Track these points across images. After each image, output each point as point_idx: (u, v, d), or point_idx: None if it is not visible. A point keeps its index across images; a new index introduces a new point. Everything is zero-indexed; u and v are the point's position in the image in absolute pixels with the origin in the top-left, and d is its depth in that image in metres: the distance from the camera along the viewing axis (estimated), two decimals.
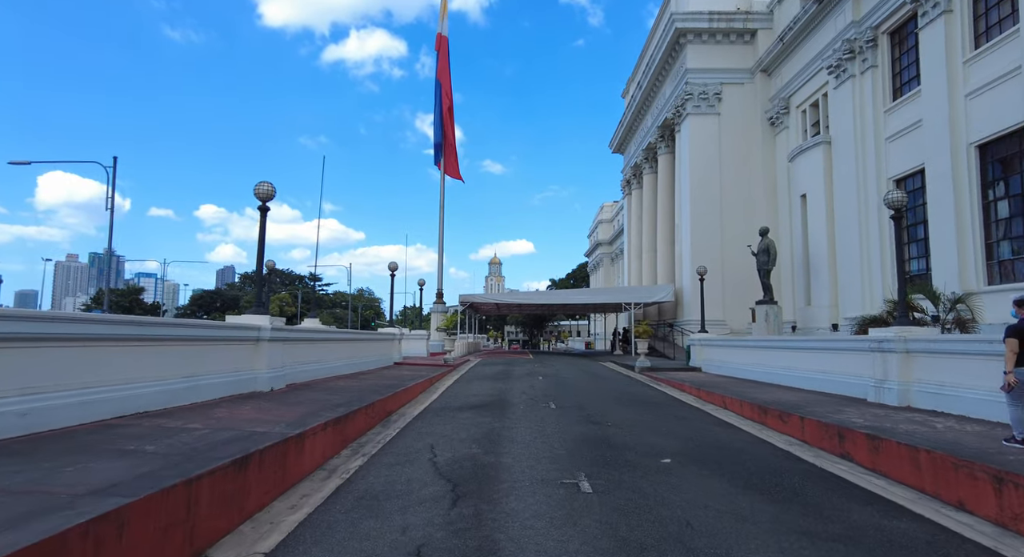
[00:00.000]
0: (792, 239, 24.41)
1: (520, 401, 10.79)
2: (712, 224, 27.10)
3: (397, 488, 5.06)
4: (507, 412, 9.40)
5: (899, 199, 9.29)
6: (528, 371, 18.67)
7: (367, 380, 12.42)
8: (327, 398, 8.72)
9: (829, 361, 11.21)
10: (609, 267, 72.11)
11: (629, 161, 42.11)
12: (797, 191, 23.67)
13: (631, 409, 10.17)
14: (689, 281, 27.28)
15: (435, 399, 11.35)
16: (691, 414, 9.96)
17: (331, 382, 11.43)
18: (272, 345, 9.37)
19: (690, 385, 13.58)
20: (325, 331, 12.87)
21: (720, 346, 17.50)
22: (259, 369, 9.16)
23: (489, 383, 14.33)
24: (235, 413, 6.80)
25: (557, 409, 9.77)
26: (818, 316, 21.93)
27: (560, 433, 7.58)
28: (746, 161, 27.19)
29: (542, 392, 12.37)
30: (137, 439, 4.92)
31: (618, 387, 14.07)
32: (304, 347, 11.28)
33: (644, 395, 12.56)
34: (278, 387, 9.53)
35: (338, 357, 13.44)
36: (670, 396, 12.63)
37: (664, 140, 33.05)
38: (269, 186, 9.64)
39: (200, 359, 7.63)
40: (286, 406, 7.65)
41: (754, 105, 27.31)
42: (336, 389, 10.15)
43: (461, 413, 9.31)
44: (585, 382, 15.00)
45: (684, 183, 28.47)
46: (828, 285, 21.42)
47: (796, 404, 9.29)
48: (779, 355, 13.61)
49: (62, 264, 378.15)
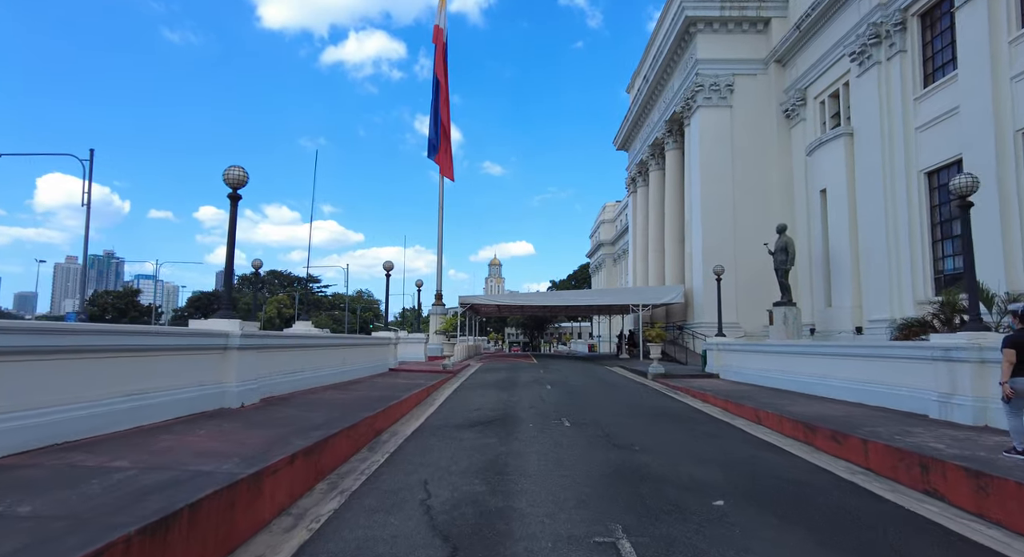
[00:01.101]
0: (810, 237, 23.16)
1: (529, 416, 9.56)
2: (724, 222, 25.86)
3: (378, 551, 3.82)
4: (515, 431, 8.16)
5: (966, 184, 8.03)
6: (534, 378, 17.45)
7: (357, 391, 11.19)
8: (306, 416, 7.49)
9: (877, 370, 9.97)
10: (612, 268, 70.91)
11: (634, 158, 40.88)
12: (816, 186, 22.43)
13: (655, 426, 8.93)
14: (701, 281, 26.05)
15: (432, 413, 10.11)
16: (724, 431, 8.72)
17: (315, 394, 10.19)
18: (243, 354, 8.13)
19: (713, 395, 12.35)
20: (310, 336, 11.64)
21: (740, 351, 16.26)
22: (227, 382, 7.92)
23: (493, 393, 13.09)
24: (184, 440, 5.56)
25: (572, 427, 8.53)
26: (839, 318, 20.69)
27: (581, 461, 6.34)
28: (760, 155, 25.97)
29: (552, 404, 11.14)
30: (17, 491, 3.67)
31: (634, 397, 12.83)
32: (285, 355, 10.04)
33: (665, 407, 11.32)
34: (251, 402, 8.29)
35: (326, 365, 12.21)
36: (693, 408, 11.39)
37: (672, 135, 31.83)
38: (240, 171, 8.41)
39: (149, 373, 6.39)
40: (254, 428, 6.41)
41: (768, 97, 26.09)
42: (319, 403, 8.91)
43: (461, 433, 8.06)
44: (597, 391, 13.76)
45: (695, 179, 27.24)
46: (850, 285, 20.17)
47: (846, 421, 8.05)
48: (811, 362, 12.37)
49: (61, 266, 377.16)
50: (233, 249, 8.48)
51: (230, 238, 8.47)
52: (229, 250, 8.46)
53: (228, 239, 8.46)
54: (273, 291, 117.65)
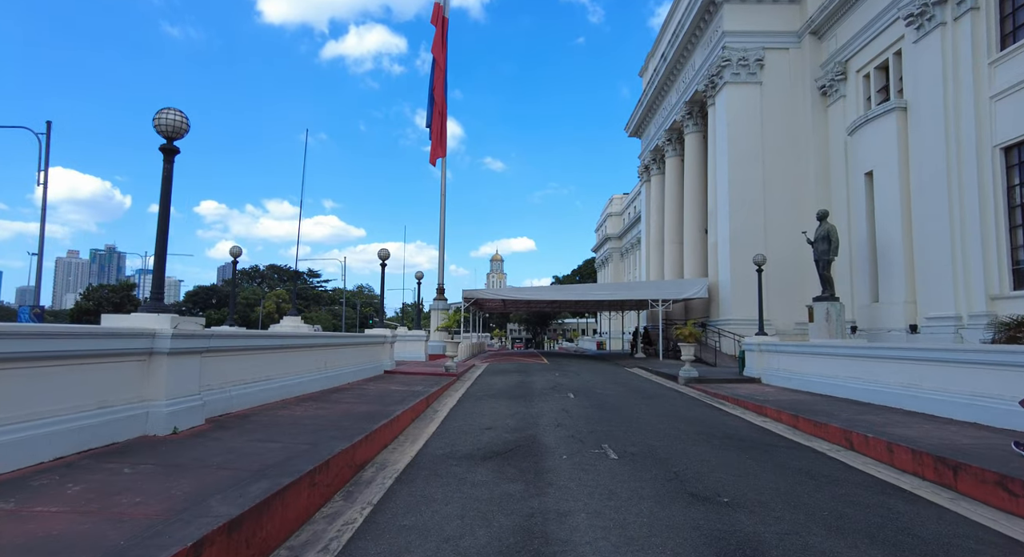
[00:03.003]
0: (851, 225, 20.96)
1: (558, 441, 7.41)
2: (754, 209, 23.64)
3: None
4: (545, 468, 6.02)
5: None
6: (550, 382, 15.30)
7: (341, 403, 9.06)
8: (259, 448, 5.37)
9: (994, 381, 7.83)
10: (619, 262, 68.66)
11: (648, 144, 38.60)
12: (859, 169, 20.19)
13: (726, 455, 6.78)
14: (727, 274, 23.86)
15: (433, 434, 7.98)
16: (820, 466, 6.56)
17: (285, 410, 8.07)
18: (178, 360, 6.01)
19: (772, 407, 10.20)
20: (282, 336, 9.50)
21: (791, 353, 14.09)
22: (153, 399, 5.79)
23: (505, 404, 10.96)
24: (27, 509, 3.43)
25: (622, 461, 6.38)
26: (888, 315, 18.51)
27: (656, 528, 4.19)
28: (793, 136, 23.73)
29: (582, 421, 8.99)
30: None
31: (677, 410, 10.68)
32: (245, 360, 7.91)
33: (721, 425, 9.17)
34: (190, 425, 6.17)
35: (305, 370, 10.08)
36: (756, 426, 9.23)
37: (692, 117, 29.58)
38: (176, 115, 6.26)
39: (17, 393, 4.27)
40: (169, 476, 4.29)
41: (802, 73, 23.81)
42: (286, 424, 6.79)
43: (473, 470, 5.93)
44: (630, 401, 11.60)
45: (721, 162, 24.99)
46: (903, 278, 17.97)
47: (989, 454, 5.91)
48: (892, 368, 10.22)
49: (63, 260, 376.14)
50: (167, 218, 6.32)
51: (162, 201, 6.31)
52: (161, 219, 6.31)
53: (161, 204, 6.30)
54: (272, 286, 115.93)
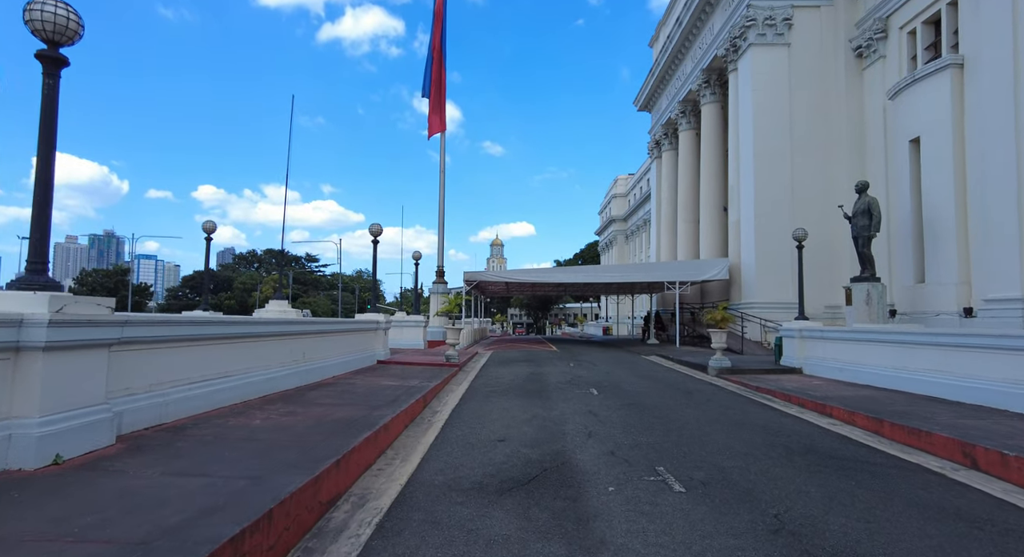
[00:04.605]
0: (889, 198, 19.05)
1: (596, 463, 5.61)
2: (780, 183, 21.69)
3: None
4: (588, 511, 4.24)
5: None
6: (565, 374, 13.51)
7: (316, 405, 7.27)
8: (167, 491, 3.57)
9: None
10: (623, 245, 66.76)
11: (659, 118, 36.45)
12: (902, 135, 18.23)
13: (831, 484, 5.00)
14: (752, 254, 21.99)
15: (430, 450, 6.19)
16: (967, 501, 4.78)
17: (240, 417, 6.28)
18: (62, 358, 4.19)
19: (838, 405, 8.42)
20: (245, 321, 7.65)
21: (841, 340, 12.29)
22: (20, 416, 3.99)
23: (518, 404, 9.18)
24: None
25: (691, 494, 4.59)
26: (936, 297, 16.69)
27: None
28: (824, 103, 21.68)
29: (620, 429, 7.20)
30: None
31: (728, 412, 8.88)
32: (189, 352, 6.09)
33: (793, 433, 7.38)
34: (86, 450, 4.38)
35: (276, 362, 8.29)
36: (832, 432, 7.44)
37: (710, 86, 27.46)
38: (62, 8, 4.37)
39: None
40: None
41: (834, 32, 21.70)
42: (233, 440, 4.99)
43: (486, 518, 4.14)
44: (667, 400, 9.78)
45: (744, 133, 22.97)
46: (954, 256, 16.12)
47: None
48: (990, 360, 8.42)
49: (61, 246, 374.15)
50: (51, 157, 4.46)
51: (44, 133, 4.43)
52: (43, 158, 4.43)
53: (41, 136, 4.43)
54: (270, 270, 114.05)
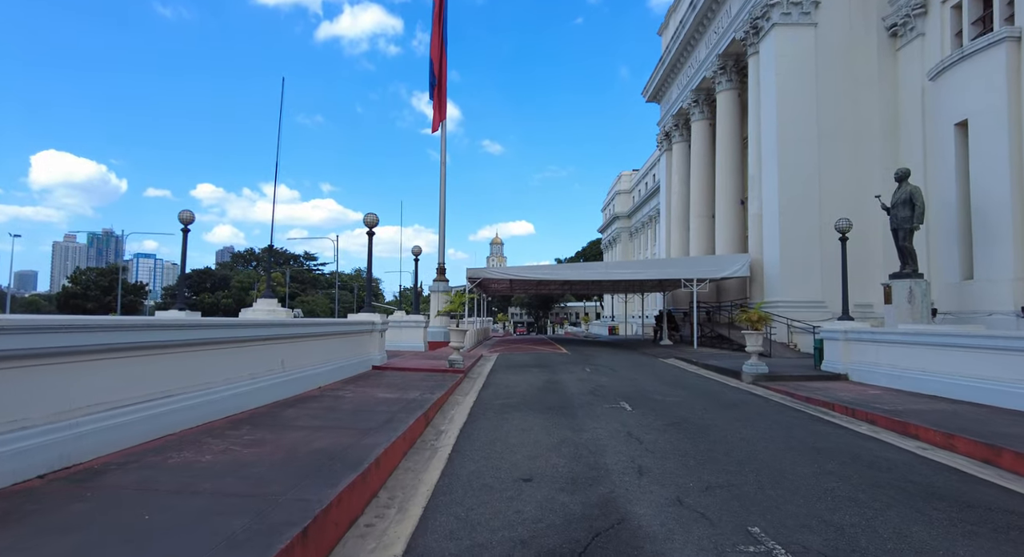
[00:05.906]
0: (929, 187, 17.54)
1: (667, 521, 4.11)
2: (807, 173, 20.20)
3: None
4: None
5: None
6: (585, 382, 12.00)
7: (290, 428, 5.78)
8: None
9: None
10: (628, 242, 65.22)
11: (669, 109, 34.94)
12: (946, 118, 16.73)
13: None
14: (775, 249, 20.50)
15: (433, 498, 4.69)
16: None
17: (184, 451, 4.78)
18: None
19: (920, 423, 6.94)
20: (199, 325, 6.13)
21: (898, 343, 10.79)
22: None
23: (540, 424, 7.66)
24: None
25: None
26: (987, 295, 15.20)
27: None
28: (854, 86, 20.19)
29: (677, 462, 5.70)
30: None
31: (796, 433, 7.36)
32: (119, 366, 4.59)
33: (894, 467, 5.87)
34: None
35: (246, 373, 6.79)
36: (933, 461, 5.95)
37: (726, 73, 25.95)
38: None
39: None
40: None
41: (865, 9, 20.23)
42: (161, 493, 3.49)
43: None
44: (716, 417, 8.23)
45: (767, 120, 21.47)
46: (1009, 249, 14.64)
47: None
48: None
49: (60, 244, 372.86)
50: None
51: None
52: None
53: None
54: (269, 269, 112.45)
